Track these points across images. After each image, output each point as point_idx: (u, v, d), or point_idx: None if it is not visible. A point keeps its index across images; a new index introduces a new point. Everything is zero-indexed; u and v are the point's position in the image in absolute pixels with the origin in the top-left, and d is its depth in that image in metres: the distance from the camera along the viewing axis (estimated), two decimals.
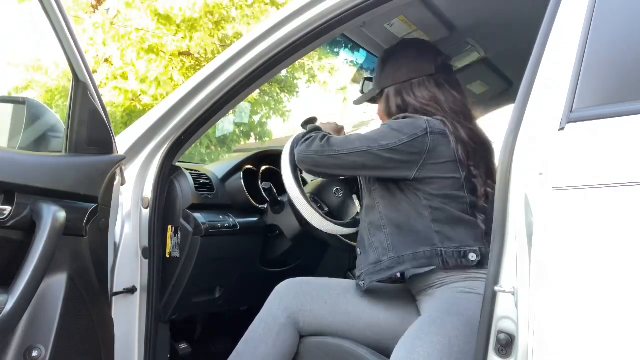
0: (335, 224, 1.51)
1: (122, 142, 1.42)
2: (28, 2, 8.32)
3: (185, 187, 1.54)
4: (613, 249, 0.76)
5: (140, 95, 8.21)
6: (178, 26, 8.06)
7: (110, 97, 8.15)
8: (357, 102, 1.57)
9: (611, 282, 0.76)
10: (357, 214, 1.65)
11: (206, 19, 8.07)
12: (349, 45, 1.76)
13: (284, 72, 9.17)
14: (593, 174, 0.79)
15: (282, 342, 1.33)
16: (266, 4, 8.50)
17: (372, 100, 1.49)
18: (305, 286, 1.39)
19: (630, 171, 0.76)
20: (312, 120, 1.58)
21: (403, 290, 1.40)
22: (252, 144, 9.44)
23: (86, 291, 1.13)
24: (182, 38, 8.13)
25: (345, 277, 1.95)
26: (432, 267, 1.24)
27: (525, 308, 0.82)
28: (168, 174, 1.50)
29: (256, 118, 9.50)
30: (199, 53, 8.45)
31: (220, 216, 1.60)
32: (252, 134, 9.49)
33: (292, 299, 1.36)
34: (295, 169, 1.46)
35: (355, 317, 1.33)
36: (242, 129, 9.27)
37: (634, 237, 0.74)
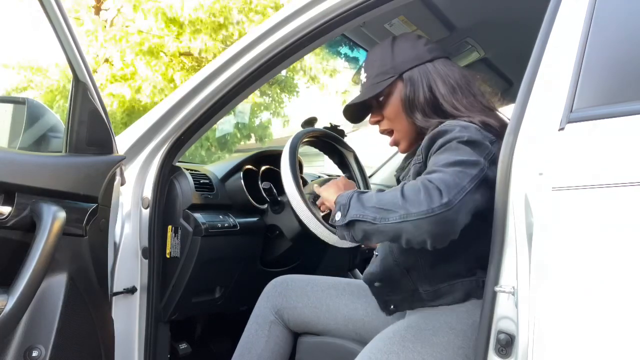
0: (332, 232, 1.48)
1: (122, 142, 1.42)
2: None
3: (185, 187, 1.54)
4: (613, 248, 0.76)
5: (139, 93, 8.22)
6: (181, 27, 8.06)
7: (111, 99, 8.15)
8: (354, 118, 1.31)
9: (611, 282, 0.76)
10: None
11: (209, 21, 8.08)
12: (349, 46, 1.76)
13: (284, 72, 9.18)
14: (593, 174, 0.78)
15: (275, 339, 1.38)
16: (270, 7, 8.51)
17: (367, 108, 1.28)
18: (290, 283, 1.42)
19: (630, 171, 0.76)
20: (312, 120, 1.58)
21: None
22: (252, 144, 9.44)
23: (86, 291, 1.13)
24: (188, 39, 8.13)
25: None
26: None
27: (525, 308, 0.82)
28: (168, 174, 1.50)
29: (258, 121, 9.51)
30: (201, 55, 8.44)
31: (220, 216, 1.60)
32: (252, 134, 9.49)
33: (277, 297, 1.40)
34: (295, 169, 1.44)
35: (335, 311, 1.34)
36: (243, 131, 9.28)
37: (633, 237, 0.74)
